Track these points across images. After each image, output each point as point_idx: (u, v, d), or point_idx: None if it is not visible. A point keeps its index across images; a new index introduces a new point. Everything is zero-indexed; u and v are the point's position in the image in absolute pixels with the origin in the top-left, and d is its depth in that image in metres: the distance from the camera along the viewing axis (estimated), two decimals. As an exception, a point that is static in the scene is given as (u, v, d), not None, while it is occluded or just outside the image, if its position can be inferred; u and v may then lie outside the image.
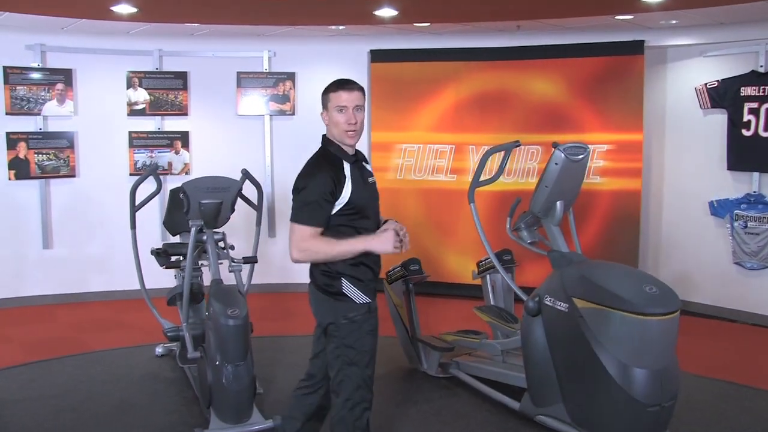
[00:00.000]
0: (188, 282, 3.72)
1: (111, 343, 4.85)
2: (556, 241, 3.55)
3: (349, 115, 2.53)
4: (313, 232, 2.49)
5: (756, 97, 5.21)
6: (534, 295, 3.40)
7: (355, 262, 2.56)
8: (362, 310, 2.59)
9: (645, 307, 2.98)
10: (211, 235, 3.71)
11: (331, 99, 2.56)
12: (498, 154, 3.69)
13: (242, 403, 3.33)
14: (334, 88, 2.56)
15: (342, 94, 2.53)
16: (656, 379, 3.02)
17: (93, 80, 5.89)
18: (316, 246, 2.49)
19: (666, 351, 3.09)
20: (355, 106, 2.54)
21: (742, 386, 4.03)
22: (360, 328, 2.58)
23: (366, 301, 2.60)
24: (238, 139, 6.30)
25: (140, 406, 3.74)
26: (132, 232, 4.22)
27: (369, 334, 2.60)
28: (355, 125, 2.55)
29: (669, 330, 3.06)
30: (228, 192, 3.72)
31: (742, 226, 5.35)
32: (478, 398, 3.82)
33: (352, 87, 2.56)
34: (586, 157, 3.48)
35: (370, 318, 2.61)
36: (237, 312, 3.25)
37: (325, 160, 2.58)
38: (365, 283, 2.60)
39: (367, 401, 2.60)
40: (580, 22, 5.44)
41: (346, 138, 2.56)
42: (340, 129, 2.55)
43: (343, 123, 2.53)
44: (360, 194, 2.58)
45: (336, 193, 2.50)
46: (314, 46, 6.25)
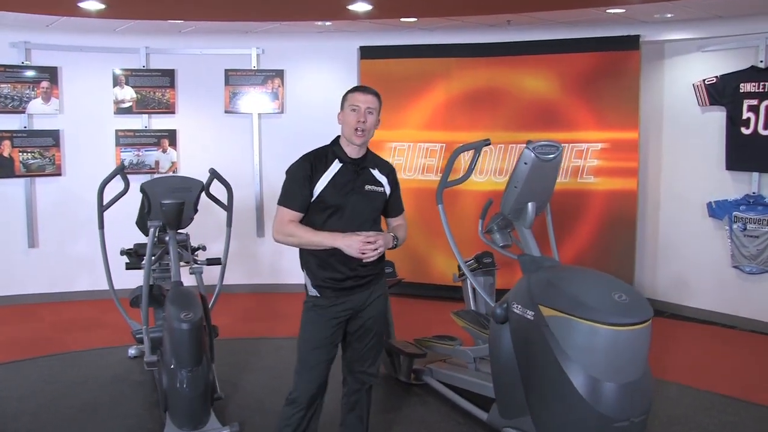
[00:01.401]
0: (147, 283, 3.63)
1: (88, 344, 4.81)
2: (528, 245, 3.39)
3: (360, 114, 2.64)
4: (291, 216, 2.64)
5: (755, 93, 4.98)
6: (502, 301, 3.24)
7: (320, 260, 2.65)
8: (309, 301, 2.72)
9: (613, 317, 2.81)
10: (174, 236, 3.62)
11: (347, 99, 2.71)
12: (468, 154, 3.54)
13: (197, 408, 3.24)
14: (352, 91, 2.73)
15: (358, 95, 2.69)
16: (625, 393, 2.85)
17: (79, 78, 5.86)
18: (292, 230, 2.62)
19: (636, 363, 2.91)
20: (367, 108, 2.66)
21: (729, 398, 3.83)
22: (305, 315, 2.73)
23: (314, 294, 2.70)
24: (226, 137, 6.23)
25: (102, 409, 3.67)
26: (100, 232, 4.15)
27: (309, 323, 2.70)
28: (363, 124, 2.65)
29: (639, 341, 2.88)
30: (190, 192, 3.63)
31: (741, 228, 5.12)
32: (447, 407, 3.69)
33: (368, 91, 2.72)
34: (558, 157, 3.30)
35: (313, 311, 2.70)
36: (190, 315, 3.16)
37: (318, 151, 2.73)
38: (321, 279, 2.67)
39: (295, 391, 2.69)
40: (573, 17, 5.26)
41: (354, 137, 2.66)
42: (350, 127, 2.66)
43: (352, 121, 2.64)
44: (334, 193, 2.64)
45: (313, 180, 2.62)
46: (303, 42, 6.15)
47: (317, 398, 2.70)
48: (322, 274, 2.67)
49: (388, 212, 2.83)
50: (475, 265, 4.28)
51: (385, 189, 2.77)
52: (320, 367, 2.67)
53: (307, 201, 2.64)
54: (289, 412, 2.68)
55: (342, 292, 2.68)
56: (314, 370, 2.66)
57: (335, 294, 2.67)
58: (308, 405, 2.67)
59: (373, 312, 2.74)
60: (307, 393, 2.66)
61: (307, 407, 2.67)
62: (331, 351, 2.69)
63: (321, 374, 2.68)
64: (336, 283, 2.66)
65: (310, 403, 2.67)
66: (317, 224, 2.65)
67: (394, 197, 2.83)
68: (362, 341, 2.76)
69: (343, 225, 2.63)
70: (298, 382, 2.69)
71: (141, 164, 6.03)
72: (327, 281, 2.67)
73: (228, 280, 6.13)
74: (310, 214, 2.67)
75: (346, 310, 2.70)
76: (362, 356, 2.78)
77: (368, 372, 2.80)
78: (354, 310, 2.72)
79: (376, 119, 2.71)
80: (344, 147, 2.72)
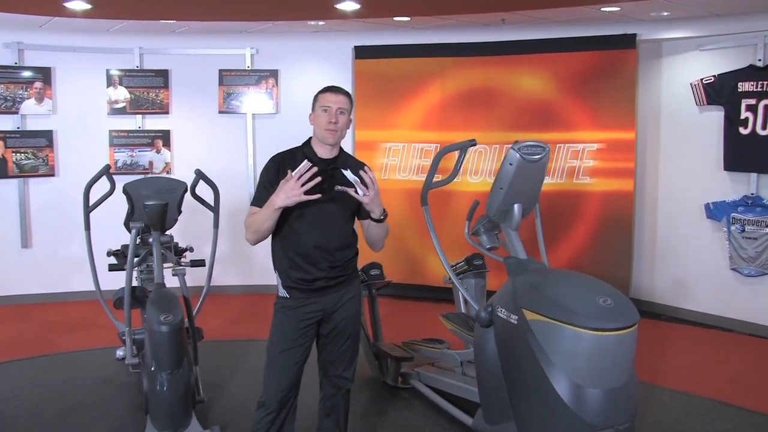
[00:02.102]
0: (129, 285, 3.60)
1: (78, 345, 4.79)
2: (514, 247, 3.32)
3: (332, 114, 2.63)
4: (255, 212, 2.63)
5: (754, 92, 4.89)
6: (487, 305, 3.19)
7: (290, 261, 2.65)
8: (278, 302, 2.71)
9: (597, 322, 2.74)
10: (157, 238, 3.59)
11: (318, 100, 2.69)
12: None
13: (177, 412, 3.20)
14: (322, 91, 2.71)
15: (329, 96, 2.66)
16: (610, 399, 2.79)
17: (72, 78, 5.84)
18: (249, 221, 2.63)
19: (621, 369, 2.84)
20: (339, 108, 2.64)
21: (724, 404, 3.75)
22: (274, 316, 2.71)
23: (283, 295, 2.68)
24: (221, 137, 6.20)
25: (85, 411, 3.65)
26: (86, 233, 4.13)
27: (277, 325, 2.68)
28: (335, 124, 2.63)
29: (624, 346, 2.81)
30: (173, 193, 3.60)
31: (740, 230, 5.03)
32: (433, 411, 3.63)
33: (339, 91, 2.70)
34: (544, 158, 3.24)
35: (281, 312, 2.68)
36: (170, 318, 3.12)
37: (287, 152, 2.73)
38: (291, 280, 2.65)
39: (264, 394, 2.66)
40: (568, 15, 5.19)
41: (326, 136, 2.64)
42: (321, 127, 2.65)
43: (324, 122, 2.63)
44: None
45: (279, 180, 2.57)
46: (297, 42, 6.11)
47: (288, 401, 2.65)
48: (292, 274, 2.64)
49: (362, 214, 2.78)
50: (465, 267, 4.22)
51: (358, 190, 2.71)
52: (289, 369, 2.63)
53: None
54: (259, 416, 2.65)
55: (312, 293, 2.64)
56: (283, 372, 2.62)
57: (304, 295, 2.64)
58: (278, 408, 2.63)
59: (346, 314, 2.70)
60: (276, 396, 2.62)
61: (278, 411, 2.63)
62: (300, 353, 2.65)
63: (290, 377, 2.63)
64: (306, 284, 2.63)
65: (280, 406, 2.63)
66: (284, 226, 2.63)
67: None
68: (336, 344, 2.72)
69: (311, 227, 2.60)
70: (267, 385, 2.66)
71: (135, 165, 6.01)
72: (297, 282, 2.64)
73: (221, 281, 6.17)
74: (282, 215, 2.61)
75: (316, 311, 2.66)
76: (337, 359, 2.74)
77: (343, 376, 2.76)
78: (325, 312, 2.68)
79: (347, 119, 2.69)
80: (315, 147, 2.69)
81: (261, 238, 2.64)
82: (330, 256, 2.64)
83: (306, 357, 2.69)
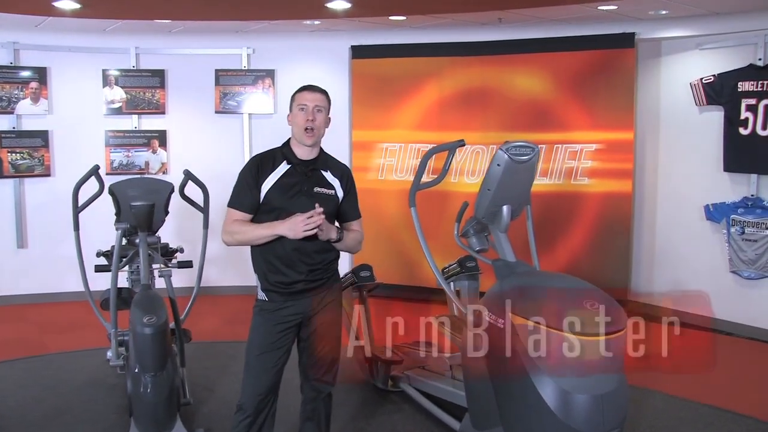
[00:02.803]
0: (114, 286, 3.58)
1: (70, 346, 4.77)
2: (503, 249, 3.27)
3: (309, 113, 2.59)
4: (238, 216, 2.61)
5: (754, 92, 4.81)
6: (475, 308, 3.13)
7: (269, 264, 2.61)
8: (257, 305, 2.68)
9: (584, 326, 2.69)
10: (144, 239, 3.56)
11: (295, 99, 2.65)
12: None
13: (161, 414, 3.17)
14: (299, 90, 2.67)
15: (305, 94, 2.62)
16: (597, 405, 2.73)
17: (68, 78, 5.84)
18: (236, 228, 2.59)
19: (609, 374, 2.79)
20: (316, 107, 2.60)
21: (719, 409, 3.68)
22: (253, 319, 2.68)
23: (262, 298, 2.66)
24: (217, 137, 6.18)
25: (71, 413, 3.62)
26: (75, 233, 4.11)
27: (255, 328, 2.66)
28: (313, 123, 2.59)
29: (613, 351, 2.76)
30: (160, 194, 3.57)
31: (739, 232, 4.95)
32: (422, 415, 3.59)
33: (315, 89, 2.66)
34: (533, 159, 3.18)
35: (260, 315, 2.65)
36: (154, 320, 3.09)
37: (266, 153, 2.68)
38: (270, 283, 2.62)
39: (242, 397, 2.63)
40: (566, 14, 5.12)
41: (304, 137, 2.60)
42: (299, 127, 2.60)
43: (301, 121, 2.58)
44: (280, 195, 2.58)
45: (259, 182, 2.58)
46: (294, 42, 6.08)
47: (266, 406, 2.62)
48: (271, 277, 2.61)
49: (341, 217, 2.74)
50: (458, 269, 4.17)
51: (337, 192, 2.68)
52: (266, 373, 2.59)
53: (254, 202, 2.60)
54: (237, 420, 2.62)
55: (290, 296, 2.60)
56: (261, 376, 2.59)
57: (283, 298, 2.61)
58: (256, 412, 2.59)
59: (325, 318, 2.66)
60: (253, 400, 2.59)
61: (255, 414, 2.59)
62: (278, 357, 2.61)
63: (268, 381, 2.60)
64: (284, 287, 2.60)
65: (257, 410, 2.59)
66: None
67: (347, 201, 2.73)
68: (316, 347, 2.68)
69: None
70: (244, 389, 2.63)
71: (131, 165, 6.00)
72: (275, 285, 2.61)
73: (217, 281, 6.15)
74: (258, 216, 2.61)
75: (294, 314, 2.62)
76: (316, 363, 2.70)
77: (323, 380, 2.72)
78: (304, 316, 2.64)
79: (325, 117, 2.64)
80: (294, 148, 2.65)
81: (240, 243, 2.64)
82: (309, 259, 2.60)
83: (285, 361, 2.65)
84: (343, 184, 2.71)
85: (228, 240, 2.63)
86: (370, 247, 6.13)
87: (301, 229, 2.46)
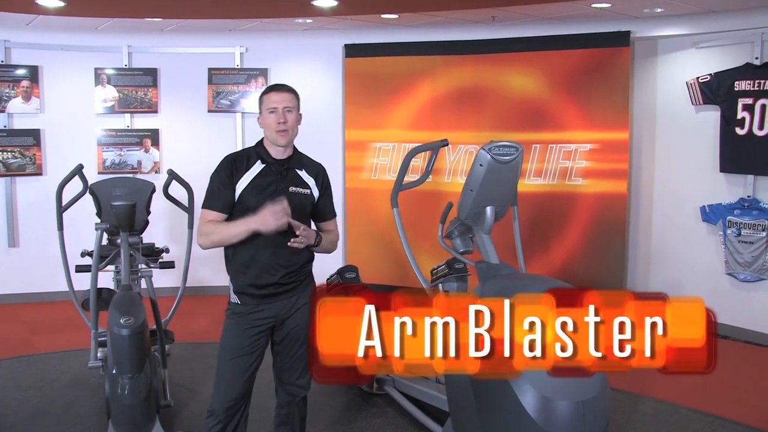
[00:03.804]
0: (94, 286, 3.55)
1: (58, 345, 4.75)
2: (486, 251, 3.22)
3: (279, 114, 2.54)
4: (213, 217, 2.55)
5: (751, 92, 4.73)
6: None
7: (242, 266, 2.57)
8: (229, 308, 2.64)
9: (563, 329, 2.63)
10: (125, 239, 3.52)
11: (263, 102, 2.60)
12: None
13: (138, 416, 3.13)
14: (266, 92, 2.63)
15: (273, 96, 2.58)
16: (578, 412, 2.67)
17: (60, 77, 5.81)
18: (211, 228, 2.54)
19: (591, 380, 2.71)
20: (285, 107, 2.56)
21: (710, 416, 3.61)
22: (225, 323, 2.64)
23: (234, 301, 2.62)
24: (210, 136, 6.14)
25: (52, 415, 3.59)
26: (59, 233, 4.08)
27: (227, 332, 2.62)
28: (285, 124, 2.55)
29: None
30: (141, 194, 3.54)
31: (736, 233, 4.87)
32: (405, 420, 3.54)
33: (283, 89, 2.62)
34: (517, 159, 3.12)
35: (232, 319, 2.61)
36: (131, 321, 3.06)
37: (240, 152, 2.66)
38: (242, 285, 2.59)
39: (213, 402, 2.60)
40: (560, 12, 5.05)
41: (277, 138, 2.56)
42: (271, 129, 2.57)
43: (273, 123, 2.54)
44: (254, 195, 2.53)
45: (233, 182, 2.54)
46: (287, 41, 6.03)
47: (237, 411, 2.57)
48: (244, 279, 2.57)
49: (317, 216, 2.69)
50: (446, 270, 4.11)
51: (312, 191, 2.64)
52: (238, 378, 2.55)
53: (229, 202, 2.55)
54: (208, 426, 2.58)
55: (263, 299, 2.56)
56: (233, 381, 2.54)
57: (255, 301, 2.56)
58: (227, 418, 2.55)
59: (299, 320, 2.61)
60: (223, 405, 2.55)
61: (226, 420, 2.55)
62: (250, 362, 2.56)
63: (239, 386, 2.55)
64: (257, 289, 2.55)
65: (228, 415, 2.55)
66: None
67: (323, 200, 2.68)
68: (289, 351, 2.63)
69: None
70: (216, 394, 2.59)
71: (123, 164, 5.97)
72: (248, 287, 2.56)
73: (211, 281, 6.11)
74: (233, 217, 2.56)
75: (267, 317, 2.57)
76: (290, 367, 2.65)
77: (298, 384, 2.67)
78: (277, 319, 2.60)
79: (296, 116, 2.60)
80: (268, 148, 2.61)
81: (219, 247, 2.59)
82: (285, 261, 2.56)
83: (257, 365, 2.61)
84: (318, 182, 2.66)
85: (203, 242, 2.58)
86: (363, 247, 6.20)
87: (271, 220, 2.42)
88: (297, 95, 2.62)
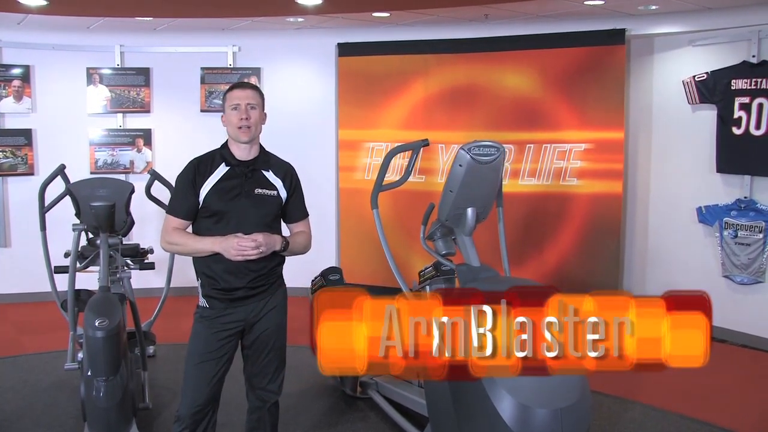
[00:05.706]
0: (72, 287, 3.52)
1: (44, 346, 4.72)
2: (467, 253, 3.16)
3: (242, 111, 2.52)
4: (176, 224, 2.54)
5: (747, 90, 4.62)
6: (436, 314, 3.01)
7: (207, 269, 2.53)
8: (197, 312, 2.59)
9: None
10: (105, 240, 3.49)
11: (226, 99, 2.58)
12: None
13: (114, 419, 3.10)
14: (229, 89, 2.60)
15: (236, 93, 2.56)
16: (556, 420, 2.60)
17: (52, 77, 5.79)
18: (176, 239, 2.52)
19: (571, 387, 2.65)
20: (249, 104, 2.54)
21: (701, 422, 3.52)
22: (193, 327, 2.59)
23: (202, 304, 2.57)
24: (203, 136, 6.02)
25: (30, 417, 3.56)
26: (42, 233, 4.06)
27: (194, 336, 2.57)
28: (247, 121, 2.52)
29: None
30: (120, 194, 3.50)
31: (732, 235, 4.77)
32: (386, 424, 3.48)
33: (246, 86, 2.62)
34: (498, 159, 3.05)
35: (200, 323, 2.57)
36: (105, 323, 3.02)
37: (204, 155, 2.62)
38: (210, 289, 2.55)
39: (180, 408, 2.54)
40: (552, 9, 4.97)
41: (239, 135, 2.54)
42: (233, 126, 2.54)
43: (235, 120, 2.52)
44: (219, 198, 2.49)
45: (196, 186, 2.50)
46: (280, 40, 5.98)
47: (204, 416, 2.52)
48: (211, 283, 2.52)
49: (286, 217, 2.64)
50: (433, 272, 4.05)
51: (280, 192, 2.58)
52: (205, 383, 2.49)
53: (192, 208, 2.51)
54: (175, 431, 2.52)
55: (231, 302, 2.51)
56: (199, 386, 2.49)
57: (223, 304, 2.51)
58: (194, 423, 2.50)
59: (269, 324, 2.56)
60: (190, 410, 2.50)
61: (193, 426, 2.50)
62: (218, 367, 2.51)
63: (207, 392, 2.50)
64: (225, 293, 2.50)
65: (195, 421, 2.50)
66: (203, 231, 2.52)
67: (292, 201, 2.63)
68: (259, 356, 2.58)
69: (229, 232, 2.47)
70: (183, 399, 2.53)
71: (115, 164, 5.95)
72: (216, 291, 2.51)
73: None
74: (197, 221, 2.52)
75: (236, 321, 2.52)
76: (261, 372, 2.60)
77: (268, 389, 2.62)
78: (246, 323, 2.54)
79: (260, 114, 2.56)
80: (232, 149, 2.56)
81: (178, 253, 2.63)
82: (254, 265, 2.50)
83: (226, 370, 2.56)
84: (286, 183, 2.60)
85: (167, 249, 2.59)
86: (355, 248, 6.13)
87: (234, 254, 2.39)
88: (261, 94, 2.58)
